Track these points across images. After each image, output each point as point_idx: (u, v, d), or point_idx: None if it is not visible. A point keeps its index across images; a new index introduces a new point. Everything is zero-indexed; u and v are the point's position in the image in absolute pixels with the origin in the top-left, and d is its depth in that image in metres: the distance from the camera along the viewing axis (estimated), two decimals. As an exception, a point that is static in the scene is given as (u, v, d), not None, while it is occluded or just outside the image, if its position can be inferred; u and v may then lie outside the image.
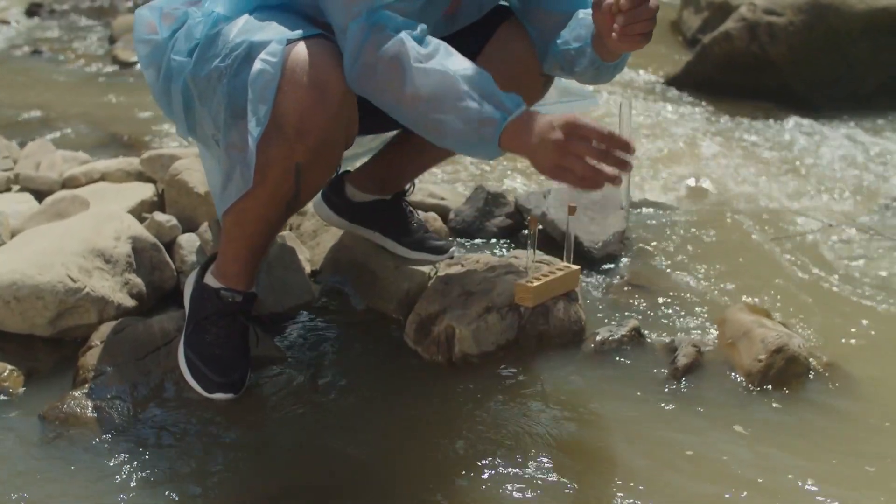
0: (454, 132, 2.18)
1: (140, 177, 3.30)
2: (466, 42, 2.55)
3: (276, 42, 2.21)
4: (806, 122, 5.08)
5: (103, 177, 3.30)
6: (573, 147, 2.09)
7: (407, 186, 2.96)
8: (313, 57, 2.20)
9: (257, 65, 2.19)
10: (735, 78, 5.38)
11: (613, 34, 2.25)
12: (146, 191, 3.17)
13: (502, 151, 2.20)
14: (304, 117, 2.19)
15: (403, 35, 2.19)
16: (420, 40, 2.21)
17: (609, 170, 2.10)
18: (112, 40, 5.97)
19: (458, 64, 2.20)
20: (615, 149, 2.10)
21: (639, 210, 3.66)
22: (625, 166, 2.11)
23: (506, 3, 2.70)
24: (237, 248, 2.42)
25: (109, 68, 5.52)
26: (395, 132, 2.87)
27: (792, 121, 5.07)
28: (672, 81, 5.51)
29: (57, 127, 4.54)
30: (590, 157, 2.09)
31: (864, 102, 5.36)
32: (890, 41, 5.47)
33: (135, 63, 5.49)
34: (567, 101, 2.97)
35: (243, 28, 2.29)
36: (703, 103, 5.26)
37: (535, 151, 2.14)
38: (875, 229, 3.71)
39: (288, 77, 2.18)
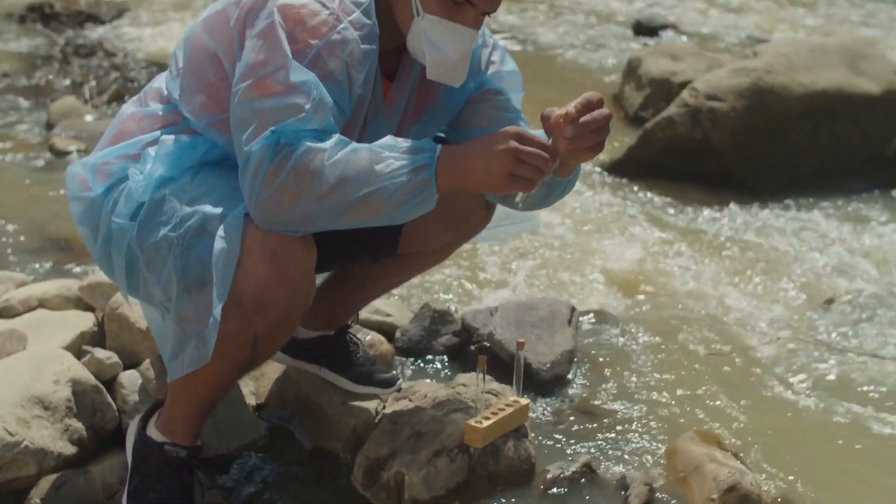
0: (389, 197, 2.13)
1: (79, 303, 3.22)
2: None
3: (232, 216, 2.17)
4: (748, 208, 5.11)
5: (41, 303, 3.22)
6: (526, 155, 2.11)
7: (350, 320, 2.93)
8: (272, 230, 2.17)
9: (218, 243, 2.15)
10: (678, 163, 5.40)
11: (562, 148, 2.18)
12: (86, 321, 3.10)
13: (439, 194, 2.17)
14: (264, 293, 2.16)
15: (303, 144, 2.12)
16: (321, 140, 2.14)
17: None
18: (49, 126, 5.87)
19: (362, 143, 2.17)
20: (553, 155, 2.15)
21: (586, 323, 3.63)
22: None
23: (443, 135, 2.68)
24: (185, 408, 2.36)
25: (46, 158, 5.41)
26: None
27: (734, 208, 5.10)
28: (614, 167, 5.51)
29: (-9, 229, 4.44)
30: (537, 163, 2.12)
31: (804, 186, 5.40)
32: (828, 123, 5.54)
33: (72, 152, 5.40)
34: (507, 225, 2.95)
35: (193, 195, 2.25)
36: (647, 191, 5.27)
37: (485, 168, 2.14)
38: (821, 339, 3.71)
39: (247, 252, 2.15)
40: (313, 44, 2.21)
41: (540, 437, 2.90)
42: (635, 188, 5.32)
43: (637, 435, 2.96)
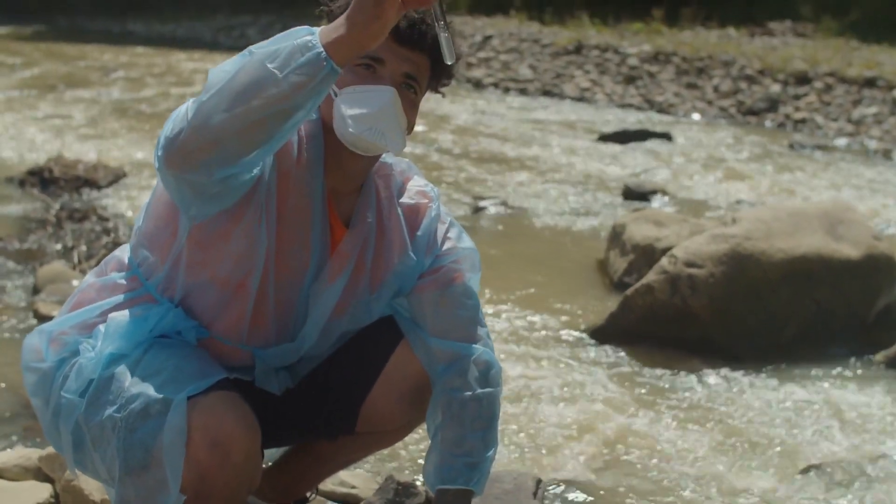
0: (272, 63, 1.97)
1: (39, 473, 3.21)
2: (363, 359, 2.56)
3: (176, 404, 2.17)
4: (729, 374, 5.08)
5: (0, 474, 3.21)
6: None
7: (309, 494, 2.91)
8: (215, 416, 2.17)
9: (167, 435, 2.14)
10: (658, 330, 5.41)
11: None
12: (42, 492, 3.09)
13: (333, 58, 1.98)
14: (204, 480, 2.15)
15: None
16: None
17: None
18: (36, 290, 5.91)
19: None
20: None
21: (554, 493, 3.59)
22: None
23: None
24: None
25: (29, 323, 5.44)
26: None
27: (715, 374, 5.08)
28: (596, 332, 5.52)
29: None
30: None
31: (785, 351, 5.39)
32: (808, 288, 5.55)
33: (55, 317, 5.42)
34: None
35: (140, 374, 2.25)
36: (627, 357, 5.25)
37: (356, 9, 1.97)
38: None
39: (189, 440, 2.15)
40: None
41: None
42: (615, 354, 5.31)
43: None
